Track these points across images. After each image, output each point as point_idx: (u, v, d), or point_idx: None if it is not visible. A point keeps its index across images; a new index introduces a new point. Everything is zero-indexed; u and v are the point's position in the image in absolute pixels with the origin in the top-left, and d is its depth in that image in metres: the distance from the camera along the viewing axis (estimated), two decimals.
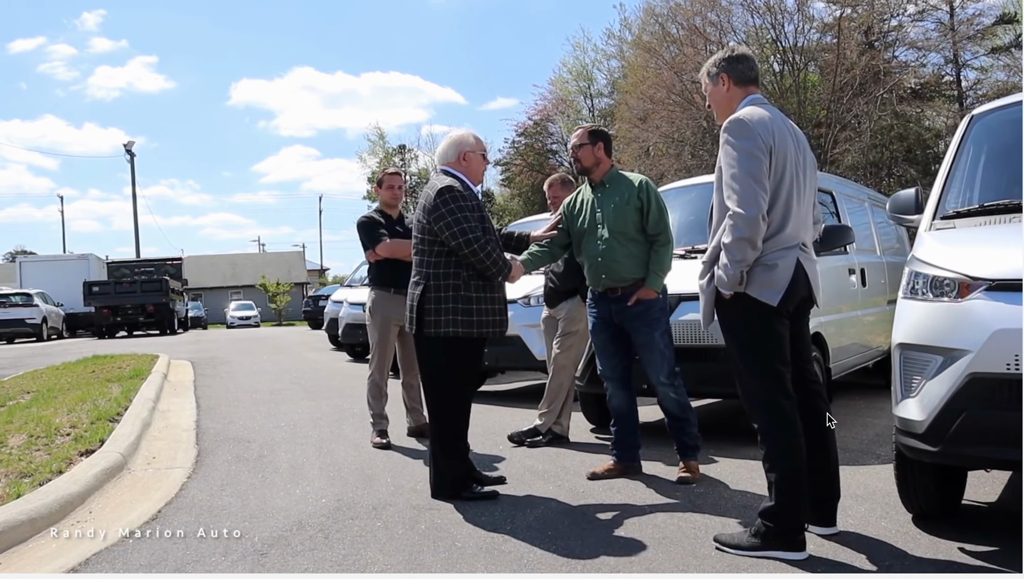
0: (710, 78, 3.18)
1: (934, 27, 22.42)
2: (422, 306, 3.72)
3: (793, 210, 2.94)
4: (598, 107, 33.05)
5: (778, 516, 2.84)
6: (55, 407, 6.22)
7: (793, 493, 2.84)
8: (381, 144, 43.88)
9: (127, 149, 35.66)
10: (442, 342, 3.70)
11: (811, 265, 3.05)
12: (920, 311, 2.97)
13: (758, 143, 2.86)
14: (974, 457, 2.82)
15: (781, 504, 2.85)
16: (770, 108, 3.06)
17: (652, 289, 4.03)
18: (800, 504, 2.85)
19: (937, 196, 3.42)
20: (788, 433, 2.88)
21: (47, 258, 31.20)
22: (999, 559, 2.77)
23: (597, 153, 4.21)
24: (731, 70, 3.12)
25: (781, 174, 2.92)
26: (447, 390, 3.77)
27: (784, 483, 2.85)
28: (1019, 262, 2.79)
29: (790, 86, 21.46)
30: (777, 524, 2.84)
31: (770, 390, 2.91)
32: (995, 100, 3.85)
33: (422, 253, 3.79)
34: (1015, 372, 2.63)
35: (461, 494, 3.68)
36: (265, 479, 4.23)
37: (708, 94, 3.22)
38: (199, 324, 35.10)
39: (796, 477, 2.85)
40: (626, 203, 4.09)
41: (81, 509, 3.67)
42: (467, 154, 3.84)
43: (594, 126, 4.41)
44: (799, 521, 2.85)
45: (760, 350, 2.94)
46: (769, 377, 2.92)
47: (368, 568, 2.84)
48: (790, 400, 2.92)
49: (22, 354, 15.30)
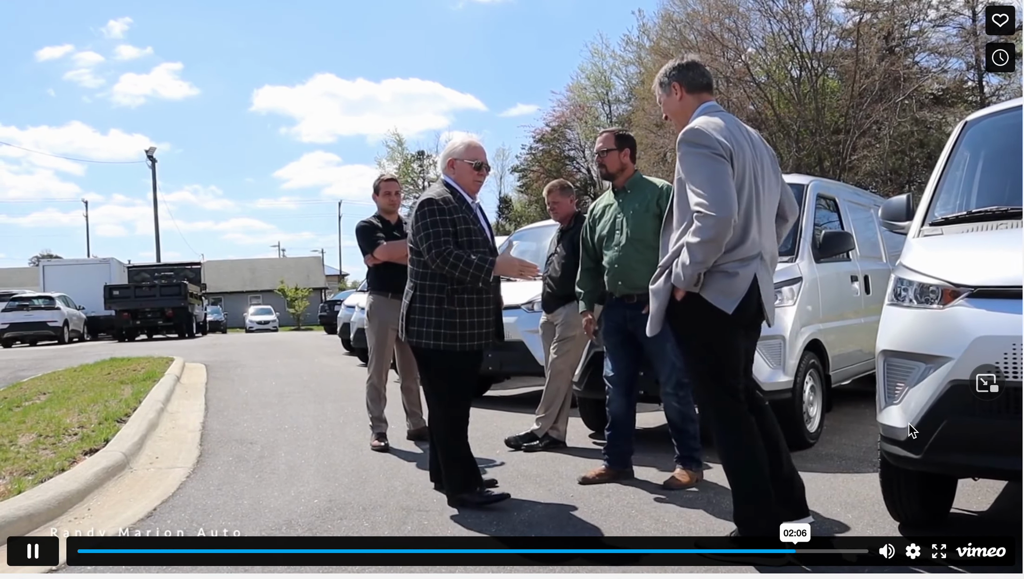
0: (662, 88, 3.17)
1: (956, 32, 22.23)
2: (409, 316, 3.73)
3: (753, 219, 2.93)
4: (616, 113, 33.06)
5: (749, 520, 2.85)
6: (67, 408, 6.35)
7: (758, 495, 2.85)
8: (400, 150, 44.16)
9: (148, 155, 36.30)
10: (428, 353, 3.70)
11: (767, 280, 3.02)
12: (904, 318, 2.97)
13: (717, 149, 2.85)
14: (956, 465, 2.80)
15: (748, 508, 2.86)
16: (725, 115, 3.05)
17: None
18: (767, 505, 2.86)
19: (927, 202, 3.41)
20: (742, 438, 2.89)
21: (70, 262, 31.75)
22: (984, 567, 2.75)
23: (623, 158, 4.20)
24: (682, 78, 3.11)
25: (741, 182, 2.90)
26: (440, 398, 3.76)
27: (747, 487, 2.87)
28: (1002, 269, 2.78)
29: (808, 92, 21.34)
30: (750, 528, 2.85)
31: (721, 398, 2.92)
32: (990, 106, 3.83)
33: (413, 263, 3.80)
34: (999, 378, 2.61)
35: (462, 496, 3.65)
36: (262, 479, 4.30)
37: (662, 105, 3.22)
38: (218, 328, 35.49)
39: (757, 479, 2.86)
40: (645, 209, 4.08)
41: (80, 506, 3.75)
42: (454, 161, 3.83)
43: (620, 130, 4.36)
44: (770, 521, 2.85)
45: (711, 358, 2.94)
46: (720, 385, 2.93)
47: (353, 566, 2.88)
48: (742, 405, 2.93)
49: (43, 356, 15.58)
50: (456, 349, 3.65)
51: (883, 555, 2.77)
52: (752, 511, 2.87)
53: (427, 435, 5.35)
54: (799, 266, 4.94)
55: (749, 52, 22.20)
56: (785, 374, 4.62)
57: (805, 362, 4.80)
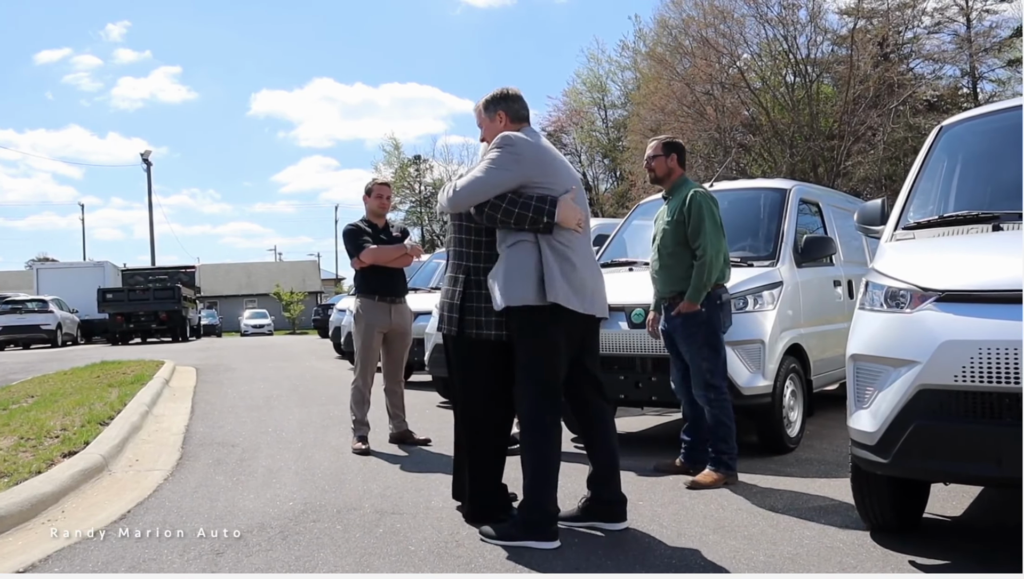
0: (487, 113, 3.39)
1: (950, 39, 22.31)
2: (464, 305, 3.28)
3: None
4: (611, 118, 33.13)
5: (530, 508, 3.06)
6: (53, 410, 6.33)
7: (540, 486, 3.05)
8: (396, 154, 44.22)
9: (144, 158, 36.25)
10: (474, 344, 3.29)
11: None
12: (874, 322, 2.97)
13: (519, 151, 3.14)
14: (924, 469, 2.80)
15: (530, 495, 3.06)
16: (539, 140, 3.33)
17: (688, 302, 4.08)
18: (547, 497, 3.04)
19: (900, 207, 3.42)
20: (543, 434, 3.08)
21: (64, 265, 31.69)
22: (949, 571, 2.75)
23: (670, 164, 4.33)
24: (507, 108, 3.35)
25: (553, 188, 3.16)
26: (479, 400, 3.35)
27: (533, 476, 3.06)
28: (971, 273, 2.79)
29: (802, 98, 21.38)
30: (530, 515, 3.04)
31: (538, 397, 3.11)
32: (966, 111, 3.84)
33: (466, 245, 3.35)
34: (963, 384, 2.61)
35: (499, 517, 3.24)
36: (239, 482, 4.28)
37: (483, 128, 3.44)
38: (213, 332, 35.44)
39: (545, 471, 3.06)
40: (673, 217, 4.20)
41: (54, 508, 3.74)
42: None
43: (669, 137, 4.54)
44: (548, 513, 3.04)
45: (539, 356, 3.12)
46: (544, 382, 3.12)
47: (317, 569, 2.87)
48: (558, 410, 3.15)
49: (35, 359, 15.56)
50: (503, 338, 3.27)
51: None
52: (533, 500, 3.08)
53: (410, 438, 5.37)
54: (780, 270, 4.95)
55: (744, 58, 22.25)
56: (764, 378, 4.62)
57: (785, 366, 4.80)
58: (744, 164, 22.04)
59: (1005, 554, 2.98)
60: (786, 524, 3.35)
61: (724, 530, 3.28)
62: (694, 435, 4.33)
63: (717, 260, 4.07)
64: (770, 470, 4.37)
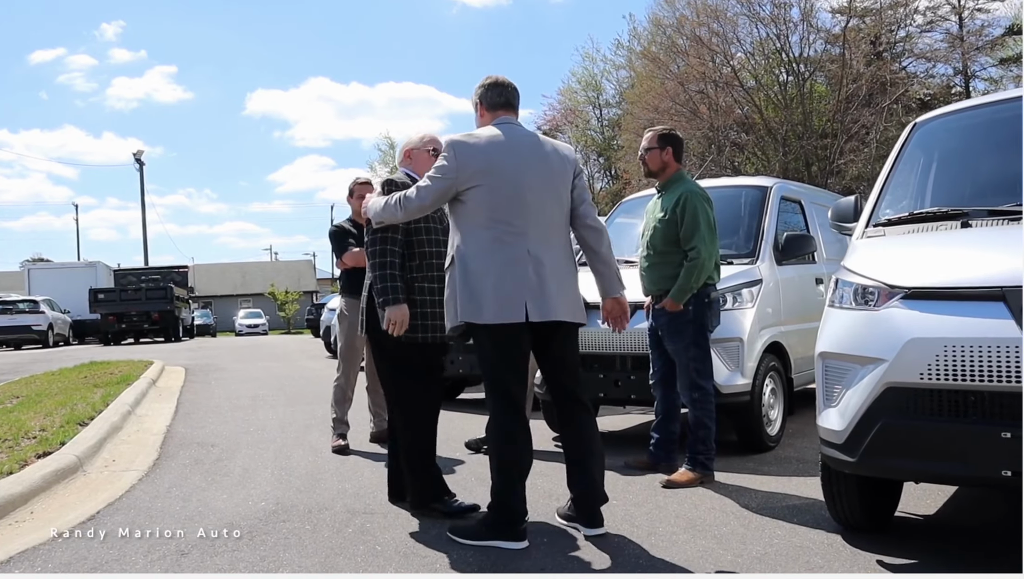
0: (474, 106, 3.37)
1: (943, 38, 22.31)
2: (369, 307, 3.59)
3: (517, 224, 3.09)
4: (606, 117, 33.08)
5: (497, 507, 3.05)
6: (35, 411, 6.29)
7: (507, 487, 3.03)
8: (392, 153, 44.11)
9: (136, 158, 36.16)
10: (389, 348, 3.53)
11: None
12: (842, 320, 2.95)
13: (450, 159, 3.10)
14: (891, 468, 2.77)
15: (498, 495, 3.05)
16: (509, 128, 3.21)
17: (671, 301, 4.04)
18: (514, 498, 3.03)
19: (872, 204, 3.40)
20: (507, 439, 3.08)
21: (56, 266, 31.61)
22: (916, 572, 2.73)
23: (665, 157, 4.21)
24: (483, 97, 3.29)
25: (483, 189, 3.07)
26: (404, 399, 3.58)
27: (499, 477, 3.06)
28: (938, 270, 2.77)
29: (795, 96, 21.38)
30: (498, 515, 3.03)
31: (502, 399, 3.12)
32: (940, 108, 3.82)
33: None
34: (929, 382, 2.59)
35: (429, 505, 3.51)
36: (214, 482, 4.26)
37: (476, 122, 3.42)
38: (207, 331, 35.36)
39: (510, 473, 3.04)
40: (666, 215, 4.11)
41: (23, 509, 3.70)
42: (411, 152, 3.78)
43: (665, 129, 4.35)
44: (515, 513, 3.03)
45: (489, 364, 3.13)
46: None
47: (281, 569, 2.85)
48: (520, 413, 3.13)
49: (25, 360, 15.50)
50: (418, 341, 3.49)
51: None
52: (500, 500, 3.07)
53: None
54: (759, 268, 4.93)
55: (737, 57, 22.24)
56: (743, 377, 4.60)
57: (765, 365, 4.78)
58: (738, 163, 22.04)
59: (976, 554, 2.98)
60: (758, 523, 3.34)
61: (695, 529, 3.26)
62: (663, 432, 4.32)
63: (709, 263, 4.02)
64: (748, 469, 4.35)
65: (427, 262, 3.52)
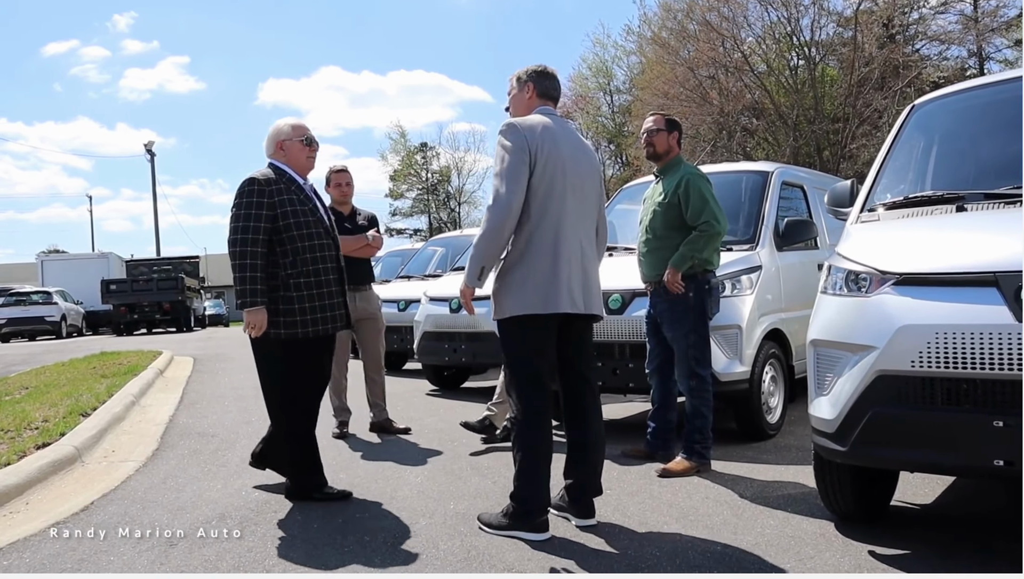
0: (519, 83, 3.35)
1: (956, 19, 21.91)
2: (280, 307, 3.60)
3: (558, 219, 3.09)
4: (617, 103, 32.86)
5: (520, 499, 3.02)
6: (41, 402, 6.34)
7: (532, 471, 3.02)
8: (403, 142, 44.09)
9: (147, 149, 36.30)
10: (270, 342, 3.54)
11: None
12: (833, 306, 2.90)
13: (520, 144, 3.04)
14: (882, 457, 2.72)
15: (519, 484, 3.03)
16: (556, 120, 3.23)
17: (672, 267, 3.97)
18: (537, 485, 3.02)
19: (868, 188, 3.33)
20: (531, 426, 3.05)
21: (69, 257, 31.84)
22: (908, 563, 2.69)
23: (671, 141, 4.20)
24: (538, 83, 3.32)
25: (541, 180, 3.05)
26: (279, 391, 3.63)
27: (525, 461, 3.03)
28: (930, 256, 2.70)
29: (806, 80, 21.11)
30: (519, 506, 3.01)
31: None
32: (939, 89, 3.73)
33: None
34: (921, 370, 2.54)
35: (312, 495, 3.61)
36: (210, 472, 4.27)
37: (511, 97, 3.39)
38: (219, 321, 35.54)
39: (537, 454, 3.03)
40: (666, 198, 4.07)
41: (18, 500, 3.73)
42: (283, 143, 3.68)
43: (669, 114, 4.40)
44: (536, 502, 3.02)
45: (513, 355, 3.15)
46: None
47: (266, 562, 2.84)
48: (545, 401, 3.10)
49: (37, 351, 15.64)
50: (298, 336, 3.54)
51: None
52: (523, 492, 3.04)
53: (389, 427, 5.35)
54: (759, 254, 4.86)
55: (748, 41, 21.98)
56: (742, 364, 4.55)
57: (764, 352, 4.73)
58: (748, 148, 21.83)
59: (970, 544, 2.92)
60: (751, 513, 3.30)
61: (687, 519, 3.22)
62: (659, 421, 4.29)
63: (719, 238, 3.98)
64: (746, 457, 4.31)
65: (301, 257, 3.55)
